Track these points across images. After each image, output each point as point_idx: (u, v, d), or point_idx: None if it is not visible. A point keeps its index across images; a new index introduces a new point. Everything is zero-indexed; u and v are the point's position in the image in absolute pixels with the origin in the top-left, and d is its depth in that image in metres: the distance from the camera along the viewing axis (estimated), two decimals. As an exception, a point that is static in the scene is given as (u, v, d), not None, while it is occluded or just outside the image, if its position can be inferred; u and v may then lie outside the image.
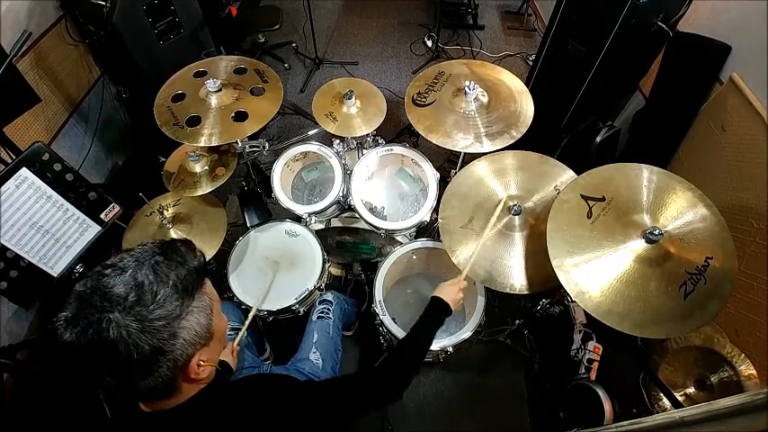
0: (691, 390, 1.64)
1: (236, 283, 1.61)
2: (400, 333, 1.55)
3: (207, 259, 0.73)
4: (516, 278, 1.35)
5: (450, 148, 1.55)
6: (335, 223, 1.87)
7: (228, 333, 1.36)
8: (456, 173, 1.57)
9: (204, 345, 0.69)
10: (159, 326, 0.62)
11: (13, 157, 1.42)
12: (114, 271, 0.64)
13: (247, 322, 1.40)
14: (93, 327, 0.60)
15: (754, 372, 1.51)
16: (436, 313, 1.19)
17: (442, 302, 1.20)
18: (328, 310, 1.62)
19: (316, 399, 0.87)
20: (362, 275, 2.14)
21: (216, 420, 0.75)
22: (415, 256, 1.78)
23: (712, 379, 1.58)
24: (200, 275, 0.69)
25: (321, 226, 1.84)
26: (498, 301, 2.03)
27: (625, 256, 1.14)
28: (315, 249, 1.69)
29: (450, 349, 1.57)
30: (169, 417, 0.72)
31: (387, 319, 1.59)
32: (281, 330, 1.81)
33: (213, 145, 1.53)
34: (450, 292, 1.22)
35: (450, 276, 1.30)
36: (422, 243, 1.73)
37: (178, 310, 0.64)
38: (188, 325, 0.65)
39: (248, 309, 1.55)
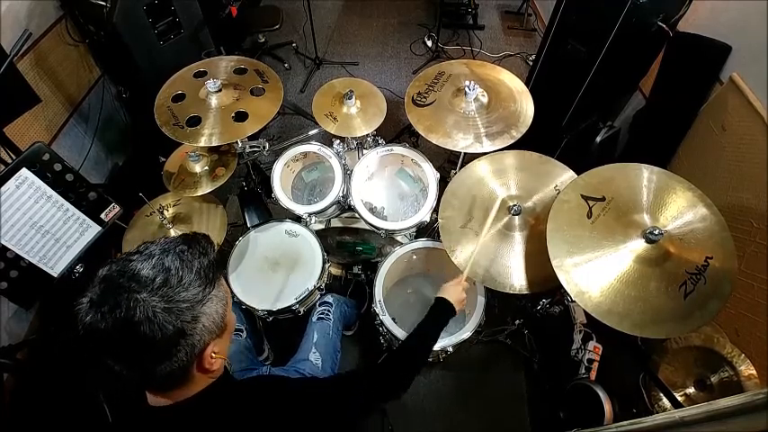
0: (691, 390, 1.64)
1: (236, 283, 1.61)
2: (400, 333, 1.55)
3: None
4: (516, 278, 1.35)
5: (451, 149, 1.55)
6: (335, 223, 1.87)
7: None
8: (456, 173, 1.57)
9: (218, 336, 0.71)
10: (183, 308, 0.64)
11: (14, 158, 1.42)
12: (141, 257, 0.66)
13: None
14: (120, 306, 0.61)
15: (754, 372, 1.51)
16: (442, 313, 1.19)
17: (448, 303, 1.20)
18: (328, 311, 1.62)
19: (319, 395, 0.88)
20: (362, 275, 2.14)
21: (221, 421, 0.75)
22: (415, 256, 1.78)
23: (712, 379, 1.58)
24: (218, 268, 0.72)
25: (321, 226, 1.84)
26: (498, 301, 2.03)
27: (625, 256, 1.14)
28: (315, 249, 1.69)
29: (450, 349, 1.57)
30: (176, 411, 0.72)
31: (387, 320, 1.59)
32: (280, 330, 1.81)
33: (213, 145, 1.53)
34: (454, 293, 1.22)
35: (450, 276, 1.30)
36: (422, 243, 1.73)
37: (200, 296, 0.67)
38: (208, 311, 0.68)
39: (248, 309, 1.55)
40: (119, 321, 0.61)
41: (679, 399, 1.58)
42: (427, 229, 1.95)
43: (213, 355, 0.71)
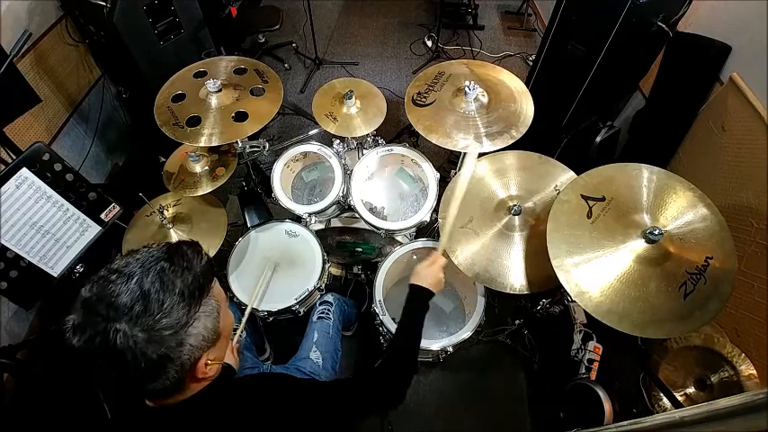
0: (691, 390, 1.64)
1: (236, 283, 1.61)
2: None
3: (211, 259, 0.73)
4: (516, 278, 1.35)
5: (451, 149, 1.55)
6: (335, 223, 1.87)
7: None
8: (456, 173, 1.57)
9: (211, 346, 0.70)
10: (166, 335, 0.62)
11: (14, 158, 1.42)
12: (120, 278, 0.63)
13: (243, 320, 1.39)
14: (99, 336, 0.60)
15: (754, 372, 1.51)
16: (417, 301, 1.10)
17: (421, 288, 1.10)
18: (328, 311, 1.62)
19: (317, 399, 0.87)
20: (362, 275, 2.14)
21: (220, 417, 0.75)
22: (415, 256, 1.78)
23: (712, 379, 1.58)
24: (206, 278, 0.69)
25: (321, 226, 1.84)
26: (498, 301, 2.03)
27: (625, 256, 1.14)
28: (315, 249, 1.69)
29: (450, 349, 1.57)
30: (175, 411, 0.72)
31: (387, 319, 1.59)
32: (281, 330, 1.81)
33: (213, 145, 1.53)
34: (427, 275, 1.11)
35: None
36: (422, 243, 1.73)
37: (185, 318, 0.64)
38: (195, 331, 0.65)
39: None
40: (100, 349, 0.60)
41: (679, 399, 1.58)
42: (427, 229, 1.95)
43: (208, 363, 0.70)
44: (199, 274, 0.67)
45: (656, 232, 1.11)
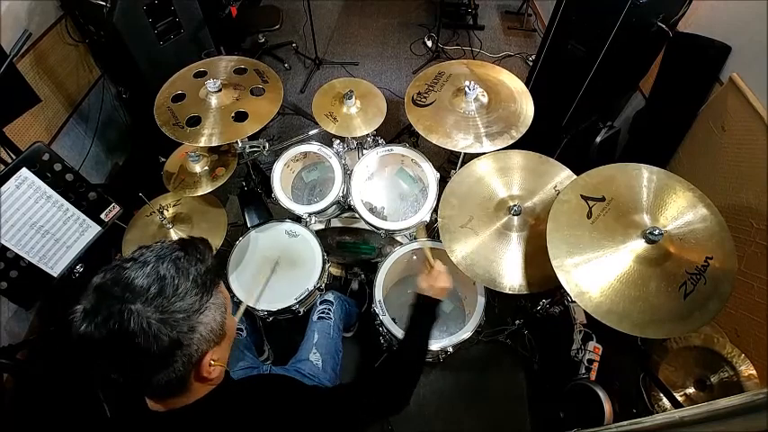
0: (691, 390, 1.64)
1: (236, 283, 1.61)
2: (400, 333, 1.54)
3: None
4: (516, 278, 1.35)
5: (450, 149, 1.55)
6: (335, 223, 1.87)
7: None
8: (456, 173, 1.57)
9: (217, 343, 0.70)
10: (179, 318, 0.63)
11: (14, 158, 1.42)
12: (135, 264, 0.64)
13: (239, 313, 1.39)
14: (114, 317, 0.60)
15: (754, 372, 1.51)
16: (423, 312, 1.12)
17: (426, 299, 1.13)
18: (329, 310, 1.62)
19: (321, 407, 0.87)
20: (362, 276, 2.14)
21: (224, 421, 0.75)
22: (415, 257, 1.78)
23: (712, 379, 1.58)
24: (216, 272, 0.71)
25: (321, 226, 1.84)
26: (498, 301, 2.03)
27: (625, 256, 1.14)
28: (315, 249, 1.69)
29: (450, 349, 1.57)
30: (179, 416, 0.72)
31: (387, 320, 1.59)
32: (280, 330, 1.81)
33: (213, 145, 1.53)
34: (430, 289, 1.14)
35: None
36: (422, 243, 1.73)
37: (197, 305, 0.65)
38: (205, 320, 0.66)
39: (248, 309, 1.55)
40: (112, 332, 0.60)
41: (679, 399, 1.58)
42: (427, 230, 1.95)
43: (212, 362, 0.70)
44: (210, 266, 0.69)
45: (656, 232, 1.11)
